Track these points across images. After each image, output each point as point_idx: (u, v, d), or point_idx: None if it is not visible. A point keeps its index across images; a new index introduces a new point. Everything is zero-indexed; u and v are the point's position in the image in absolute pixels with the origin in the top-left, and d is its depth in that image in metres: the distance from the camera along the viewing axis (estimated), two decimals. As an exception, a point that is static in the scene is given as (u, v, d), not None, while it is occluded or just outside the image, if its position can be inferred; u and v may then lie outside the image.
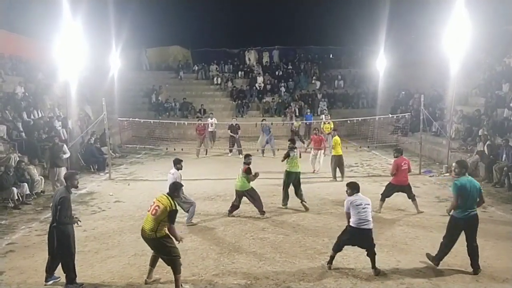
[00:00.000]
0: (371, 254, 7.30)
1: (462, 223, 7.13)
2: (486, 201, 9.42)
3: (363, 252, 8.02)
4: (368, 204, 7.25)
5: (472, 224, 7.15)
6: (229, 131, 19.79)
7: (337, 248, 7.49)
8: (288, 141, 12.35)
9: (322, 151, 15.89)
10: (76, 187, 7.29)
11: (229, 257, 8.05)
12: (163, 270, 7.19)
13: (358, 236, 7.23)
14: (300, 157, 11.68)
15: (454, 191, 7.11)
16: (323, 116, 21.53)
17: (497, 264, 7.62)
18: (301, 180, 11.29)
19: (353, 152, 19.60)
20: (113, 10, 24.76)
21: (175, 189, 6.87)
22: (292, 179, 11.17)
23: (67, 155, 13.39)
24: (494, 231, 9.12)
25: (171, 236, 6.68)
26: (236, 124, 19.86)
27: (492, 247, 8.28)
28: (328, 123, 19.86)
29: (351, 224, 7.22)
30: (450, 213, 7.28)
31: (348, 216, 7.29)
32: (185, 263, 7.76)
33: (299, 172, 11.32)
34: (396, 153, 10.87)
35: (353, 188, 7.43)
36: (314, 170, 15.74)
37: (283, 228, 9.71)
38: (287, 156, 11.29)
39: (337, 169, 14.38)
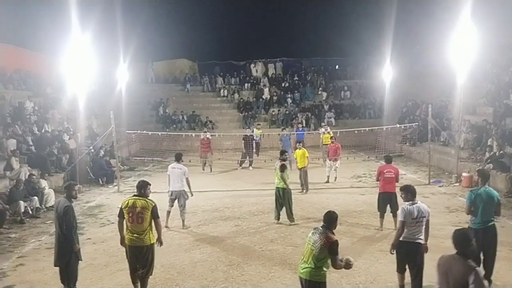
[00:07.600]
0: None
1: (480, 235, 6.84)
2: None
3: (373, 263, 7.97)
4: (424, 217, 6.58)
5: (489, 235, 6.94)
6: (243, 142, 19.25)
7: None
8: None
9: (338, 161, 15.67)
10: (75, 197, 7.23)
11: (238, 269, 8.01)
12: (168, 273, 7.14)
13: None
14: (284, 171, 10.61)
15: (467, 199, 7.04)
16: (323, 129, 20.56)
17: (510, 274, 7.52)
18: (313, 190, 10.88)
19: (361, 163, 19.51)
20: (120, 24, 25.16)
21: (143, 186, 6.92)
22: (276, 194, 10.72)
23: None
24: (506, 242, 8.98)
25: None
26: (250, 135, 19.58)
27: (504, 258, 8.16)
28: (328, 132, 19.04)
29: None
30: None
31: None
32: (194, 275, 7.76)
33: (281, 187, 10.61)
34: (385, 160, 10.70)
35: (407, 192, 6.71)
36: (327, 180, 15.55)
37: (292, 239, 9.67)
38: None
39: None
